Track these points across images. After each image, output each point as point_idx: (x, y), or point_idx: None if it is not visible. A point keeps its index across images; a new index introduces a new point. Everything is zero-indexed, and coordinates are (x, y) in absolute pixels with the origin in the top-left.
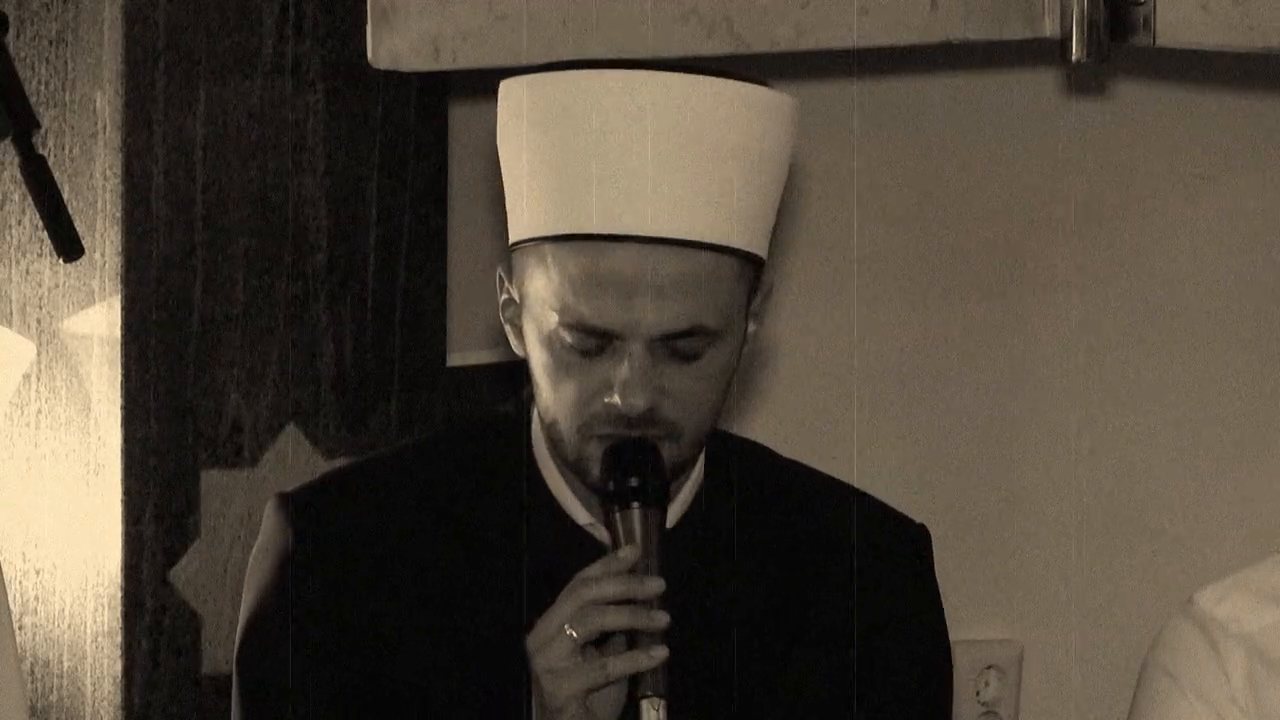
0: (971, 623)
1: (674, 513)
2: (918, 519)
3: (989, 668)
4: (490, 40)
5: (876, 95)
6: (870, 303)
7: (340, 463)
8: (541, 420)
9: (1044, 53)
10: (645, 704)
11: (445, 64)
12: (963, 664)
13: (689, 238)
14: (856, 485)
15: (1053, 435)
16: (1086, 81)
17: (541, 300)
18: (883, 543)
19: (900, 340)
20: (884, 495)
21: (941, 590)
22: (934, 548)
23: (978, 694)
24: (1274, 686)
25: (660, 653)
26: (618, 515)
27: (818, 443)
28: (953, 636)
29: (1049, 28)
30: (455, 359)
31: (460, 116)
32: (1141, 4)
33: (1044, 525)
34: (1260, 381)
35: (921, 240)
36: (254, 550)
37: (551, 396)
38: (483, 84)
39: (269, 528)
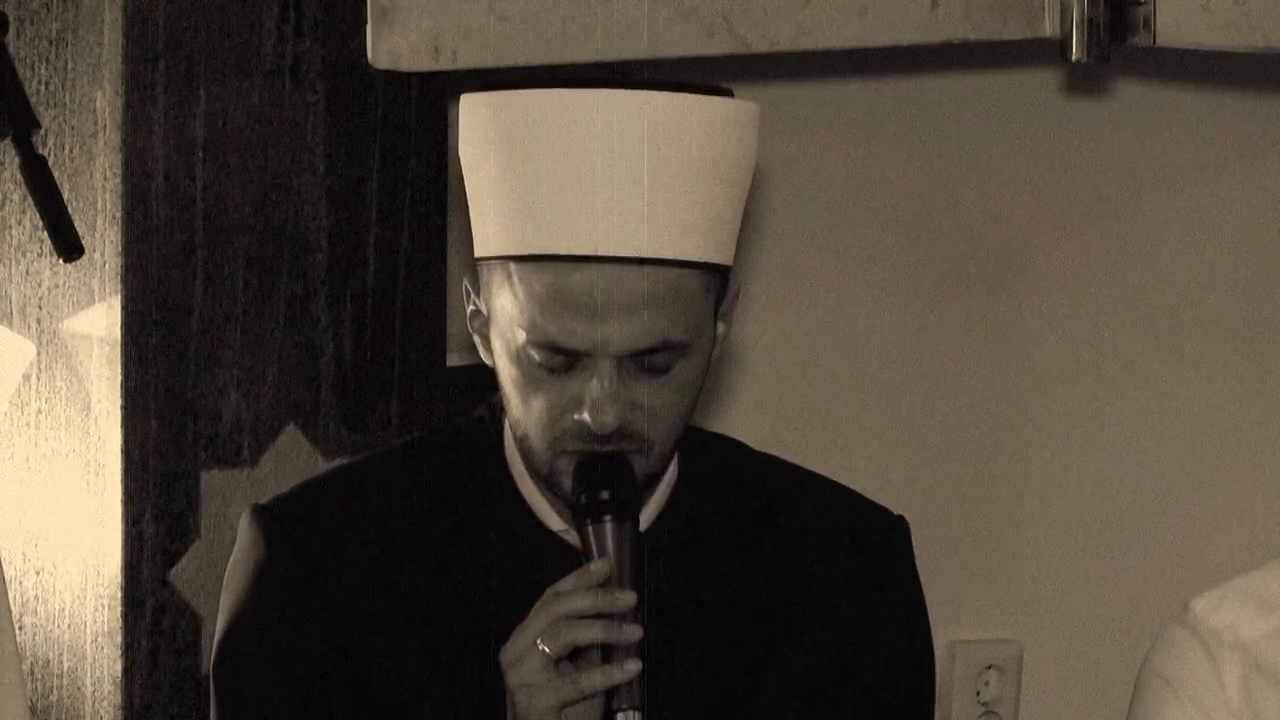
0: (971, 623)
1: (648, 513)
2: (917, 519)
3: (989, 668)
4: (490, 40)
5: (876, 95)
6: (869, 303)
7: (340, 463)
8: (513, 432)
9: (1044, 53)
10: (621, 717)
11: (445, 64)
12: (963, 664)
13: (653, 255)
14: (853, 485)
15: (1052, 435)
16: (1086, 81)
17: (508, 318)
18: (862, 535)
19: (899, 340)
20: (883, 495)
21: (941, 590)
22: (935, 549)
23: (978, 694)
24: (1270, 694)
25: (633, 666)
26: (590, 528)
27: (815, 443)
28: (953, 636)
29: (1049, 28)
30: (455, 359)
31: None
32: (1141, 4)
33: (1044, 525)
34: (1260, 381)
35: (921, 240)
36: (230, 562)
37: (521, 411)
38: (483, 84)
39: (244, 540)
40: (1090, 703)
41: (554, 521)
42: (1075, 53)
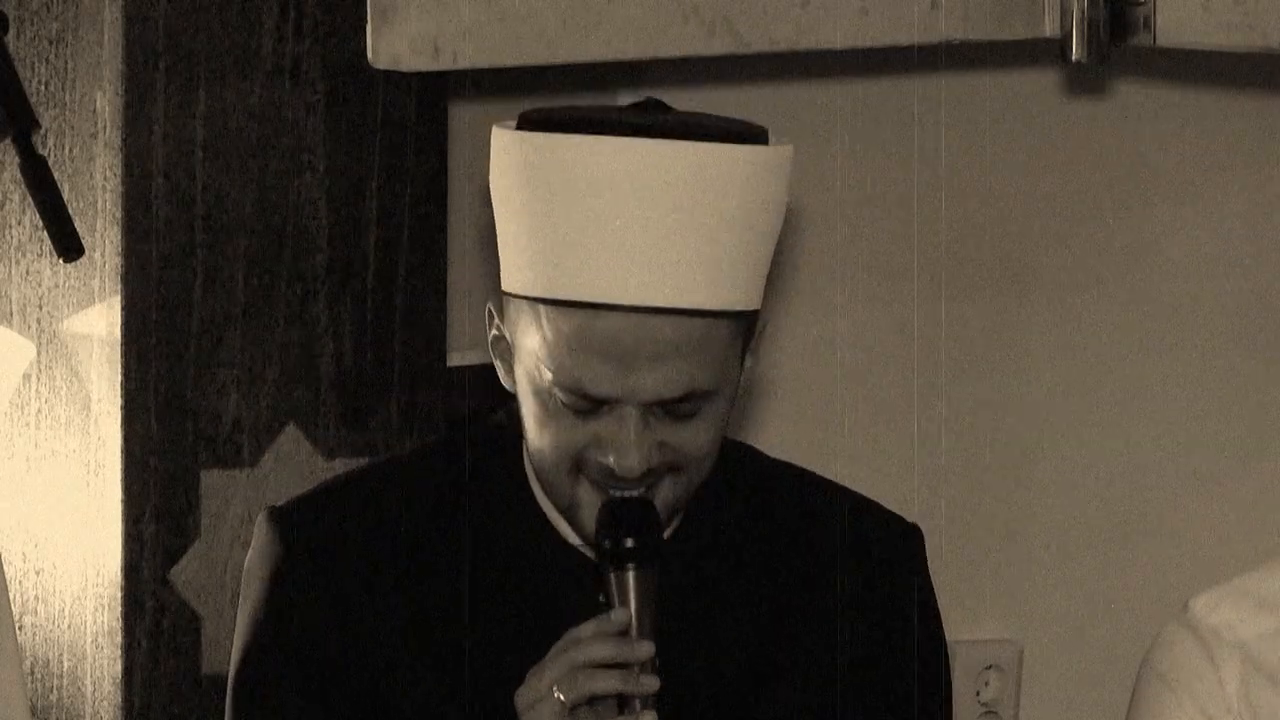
0: (971, 623)
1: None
2: (918, 520)
3: (989, 668)
4: (490, 40)
5: (877, 95)
6: (868, 303)
7: (340, 463)
8: (529, 459)
9: (1044, 53)
10: None
11: (445, 64)
12: (963, 664)
13: (684, 305)
14: (855, 487)
15: (1052, 435)
16: (1086, 81)
17: (535, 356)
18: (876, 543)
19: (898, 340)
20: (883, 496)
21: (941, 590)
22: (935, 549)
23: (978, 694)
24: (1269, 694)
25: (649, 718)
26: (612, 576)
27: (816, 444)
28: (953, 636)
29: (1049, 28)
30: (455, 359)
31: (460, 116)
32: (1141, 4)
33: (1043, 525)
34: (1260, 382)
35: (921, 240)
36: (246, 564)
37: (542, 444)
38: (483, 84)
39: (261, 542)
40: (1090, 703)
41: (571, 535)
42: (1075, 53)
